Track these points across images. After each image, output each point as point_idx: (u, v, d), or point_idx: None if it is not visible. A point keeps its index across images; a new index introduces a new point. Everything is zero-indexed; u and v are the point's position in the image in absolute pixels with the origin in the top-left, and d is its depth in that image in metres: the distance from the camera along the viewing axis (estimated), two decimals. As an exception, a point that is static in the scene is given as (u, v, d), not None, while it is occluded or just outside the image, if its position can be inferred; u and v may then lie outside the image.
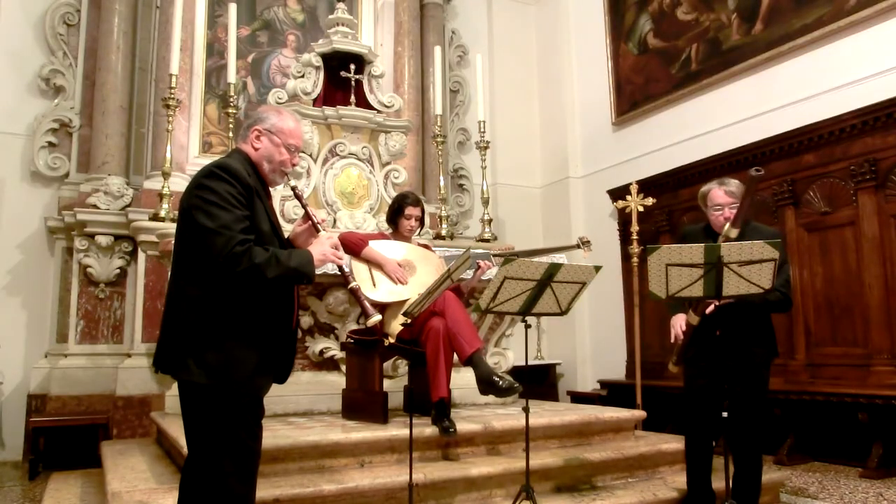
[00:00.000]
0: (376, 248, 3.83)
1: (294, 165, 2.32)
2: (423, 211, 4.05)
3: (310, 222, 2.32)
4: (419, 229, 4.16)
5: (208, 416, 2.06)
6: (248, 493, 2.12)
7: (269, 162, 2.24)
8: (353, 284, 2.42)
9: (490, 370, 3.43)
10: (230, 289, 2.05)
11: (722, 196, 3.11)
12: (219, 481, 2.04)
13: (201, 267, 2.06)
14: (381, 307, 3.86)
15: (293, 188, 2.38)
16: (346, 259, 2.40)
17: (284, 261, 2.08)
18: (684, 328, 3.07)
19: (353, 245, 3.77)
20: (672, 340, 3.13)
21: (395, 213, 3.99)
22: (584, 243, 3.85)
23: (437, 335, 3.51)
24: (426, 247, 4.13)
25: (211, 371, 2.02)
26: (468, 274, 3.91)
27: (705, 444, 3.19)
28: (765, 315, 3.13)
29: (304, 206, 2.35)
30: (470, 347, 3.46)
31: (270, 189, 2.32)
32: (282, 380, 2.27)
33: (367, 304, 2.44)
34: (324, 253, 2.22)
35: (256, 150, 2.24)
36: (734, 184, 3.15)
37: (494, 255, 4.06)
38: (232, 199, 2.05)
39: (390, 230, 4.13)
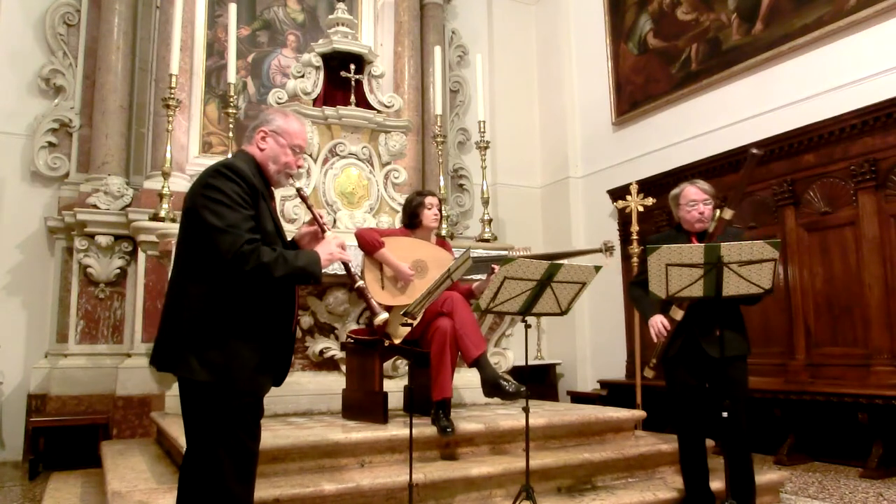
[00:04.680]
0: (395, 246, 3.81)
1: (299, 167, 2.33)
2: (440, 200, 4.04)
3: (315, 224, 2.33)
4: (441, 220, 4.11)
5: (208, 415, 2.06)
6: (246, 493, 2.12)
7: (275, 163, 2.25)
8: (359, 283, 2.39)
9: (496, 373, 3.43)
10: (234, 287, 2.06)
11: (696, 192, 3.20)
12: (218, 481, 2.04)
13: (206, 265, 2.06)
14: (387, 308, 3.86)
15: (298, 190, 2.40)
16: (358, 258, 2.39)
17: (292, 260, 2.09)
18: (667, 326, 3.10)
19: (368, 244, 3.75)
20: (655, 340, 3.17)
21: (416, 207, 3.91)
22: (607, 248, 3.80)
23: (444, 335, 3.51)
24: (443, 244, 4.08)
25: (213, 369, 2.03)
26: (480, 276, 3.89)
27: (697, 444, 3.20)
28: (737, 311, 3.15)
29: (309, 208, 2.35)
30: (476, 350, 3.47)
31: (274, 190, 2.33)
32: (279, 382, 2.27)
33: (375, 303, 2.42)
34: (331, 253, 2.22)
35: (262, 150, 2.25)
36: (705, 183, 3.25)
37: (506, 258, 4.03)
38: (238, 198, 2.06)
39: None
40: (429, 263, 3.85)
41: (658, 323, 3.14)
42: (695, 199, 3.19)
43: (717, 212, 3.14)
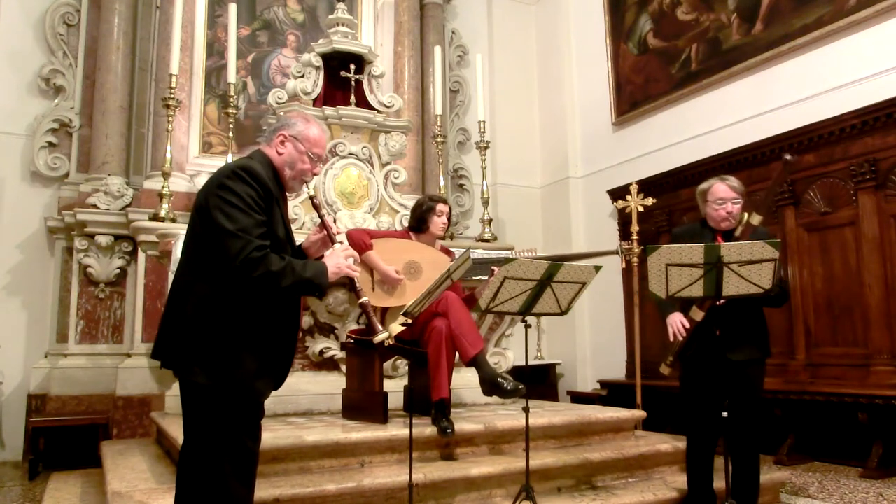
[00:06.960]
0: (385, 248, 3.80)
1: (315, 174, 2.31)
2: (450, 208, 4.04)
3: (325, 231, 2.31)
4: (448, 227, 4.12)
5: (209, 416, 2.06)
6: (247, 494, 2.12)
7: (291, 168, 2.23)
8: (363, 299, 2.37)
9: (494, 372, 3.43)
10: (240, 292, 2.05)
11: (725, 190, 3.13)
12: (218, 482, 2.04)
13: (213, 266, 2.05)
14: (382, 312, 3.87)
15: (311, 197, 2.39)
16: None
17: (300, 271, 2.07)
18: (687, 325, 3.06)
19: (355, 246, 3.75)
20: (671, 339, 3.12)
21: (426, 213, 3.92)
22: (625, 251, 3.79)
23: (440, 335, 3.51)
24: (446, 251, 4.07)
25: (214, 373, 2.02)
26: (483, 277, 3.89)
27: (707, 446, 3.19)
28: (760, 313, 3.13)
29: (321, 216, 2.34)
30: (473, 349, 3.46)
31: (287, 195, 2.32)
32: (278, 386, 2.26)
33: (376, 322, 2.41)
34: (338, 265, 2.19)
35: (280, 154, 2.23)
36: (735, 180, 3.19)
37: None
38: (252, 202, 2.04)
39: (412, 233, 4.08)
40: (422, 265, 3.85)
41: (677, 322, 3.07)
42: (723, 198, 3.11)
43: (745, 215, 3.08)
